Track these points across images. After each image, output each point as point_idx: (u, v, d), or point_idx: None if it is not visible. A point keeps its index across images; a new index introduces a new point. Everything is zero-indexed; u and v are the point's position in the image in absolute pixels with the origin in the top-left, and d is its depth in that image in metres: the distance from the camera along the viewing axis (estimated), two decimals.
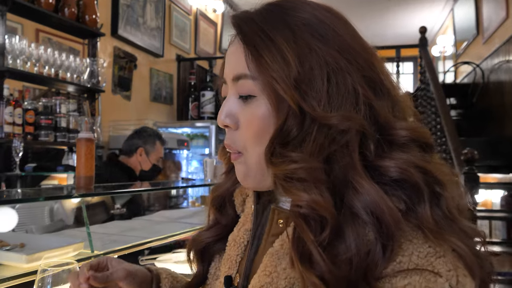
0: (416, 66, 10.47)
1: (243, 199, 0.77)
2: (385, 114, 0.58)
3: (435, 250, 0.51)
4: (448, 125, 3.60)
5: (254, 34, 0.60)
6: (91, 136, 1.49)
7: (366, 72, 0.59)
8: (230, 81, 0.64)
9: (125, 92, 4.79)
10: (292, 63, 0.57)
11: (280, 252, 0.61)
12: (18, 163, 2.83)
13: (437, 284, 0.48)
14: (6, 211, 1.60)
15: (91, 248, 1.25)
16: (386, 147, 0.56)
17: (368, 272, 0.50)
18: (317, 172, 0.54)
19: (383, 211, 0.51)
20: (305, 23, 0.60)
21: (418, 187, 0.54)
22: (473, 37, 6.35)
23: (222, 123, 0.64)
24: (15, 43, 2.92)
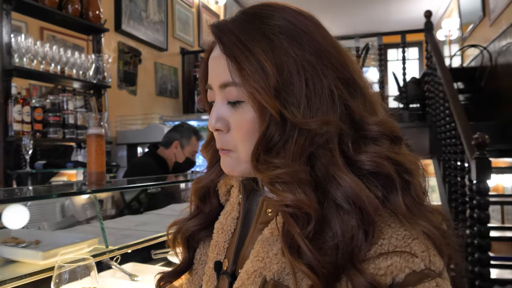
0: (421, 51, 10.41)
1: (227, 189, 0.80)
2: (359, 111, 0.63)
3: (410, 233, 0.57)
4: (457, 110, 3.56)
5: (233, 46, 0.62)
6: (101, 132, 1.49)
7: (340, 73, 0.63)
8: (217, 88, 0.67)
9: (131, 87, 4.79)
10: (271, 72, 0.60)
11: (270, 239, 0.65)
12: (28, 160, 2.85)
13: (415, 264, 0.55)
14: (17, 209, 1.60)
15: (105, 244, 1.26)
16: (361, 142, 0.61)
17: (353, 255, 0.56)
18: (300, 173, 0.59)
19: (363, 200, 0.57)
20: (281, 31, 0.62)
21: (390, 177, 0.59)
22: (479, 20, 6.27)
23: (214, 127, 0.67)
24: (21, 42, 2.93)
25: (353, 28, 8.97)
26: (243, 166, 0.67)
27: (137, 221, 1.83)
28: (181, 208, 0.89)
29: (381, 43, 5.43)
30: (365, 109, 0.64)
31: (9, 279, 0.97)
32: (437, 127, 4.48)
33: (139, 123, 4.51)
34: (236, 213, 0.76)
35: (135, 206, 2.52)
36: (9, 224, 1.59)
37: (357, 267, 0.55)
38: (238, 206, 0.76)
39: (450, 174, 3.96)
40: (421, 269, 0.55)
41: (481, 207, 2.85)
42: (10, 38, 2.89)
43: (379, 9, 8.51)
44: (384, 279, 0.55)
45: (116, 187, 1.56)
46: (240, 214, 0.75)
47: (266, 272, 0.63)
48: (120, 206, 2.46)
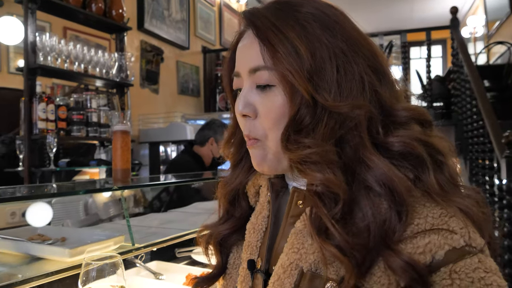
0: (445, 49, 10.23)
1: (256, 190, 0.80)
2: (388, 98, 0.64)
3: (446, 211, 0.57)
4: (486, 107, 3.46)
5: (268, 29, 0.64)
6: (127, 128, 1.48)
7: (370, 61, 0.65)
8: (246, 74, 0.67)
9: (153, 86, 4.80)
10: (305, 56, 0.61)
11: (304, 231, 0.64)
12: (52, 158, 2.87)
13: (454, 241, 0.54)
14: (41, 206, 1.60)
15: (132, 241, 1.24)
16: (390, 127, 0.62)
17: (387, 237, 0.55)
18: (329, 154, 0.59)
19: (394, 181, 0.57)
20: (313, 19, 0.64)
21: (421, 157, 0.60)
22: (506, 16, 6.12)
23: (241, 113, 0.67)
24: (46, 40, 2.95)
25: (376, 26, 8.86)
26: (271, 157, 0.67)
27: (162, 219, 1.82)
28: (204, 206, 0.88)
29: (405, 41, 5.34)
30: (392, 96, 0.65)
31: (36, 276, 0.96)
32: (464, 125, 4.39)
33: (161, 121, 4.52)
34: (267, 211, 0.76)
35: (159, 204, 2.52)
36: (33, 222, 1.59)
37: (392, 248, 0.55)
38: (268, 205, 0.76)
39: (478, 174, 3.87)
40: (461, 245, 0.54)
41: (511, 207, 2.77)
42: (35, 36, 2.91)
43: (403, 6, 8.40)
44: (424, 257, 0.54)
45: (142, 184, 1.55)
46: (270, 212, 0.75)
47: (302, 264, 0.62)
48: (144, 203, 2.46)
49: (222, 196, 0.82)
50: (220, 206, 0.84)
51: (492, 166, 3.40)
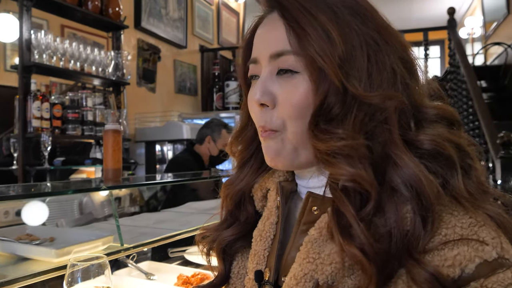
0: (443, 49, 10.24)
1: (263, 194, 0.74)
2: (417, 93, 0.60)
3: (476, 220, 0.52)
4: (481, 108, 3.48)
5: (297, 10, 0.59)
6: (118, 128, 1.47)
7: (401, 53, 0.61)
8: (266, 59, 0.63)
9: (150, 84, 4.79)
10: (337, 41, 0.57)
11: (319, 239, 0.59)
12: (47, 157, 2.86)
13: (485, 253, 0.50)
14: (36, 205, 1.60)
15: (120, 242, 1.24)
16: (419, 124, 0.58)
17: (410, 245, 0.51)
18: (362, 148, 0.55)
19: (423, 184, 0.52)
20: (343, 4, 0.60)
21: (451, 159, 0.56)
22: (504, 17, 6.13)
23: (259, 101, 0.62)
24: (41, 38, 2.94)
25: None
26: (289, 151, 0.62)
27: (155, 219, 1.82)
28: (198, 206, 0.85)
29: None
30: (421, 92, 0.61)
31: (22, 277, 0.96)
32: None
33: (158, 120, 4.51)
34: (275, 217, 0.70)
35: (153, 204, 2.52)
36: (27, 220, 1.59)
37: (416, 258, 0.50)
38: (276, 210, 0.70)
39: None
40: (494, 258, 0.49)
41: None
42: (30, 34, 2.90)
43: (401, 7, 8.40)
44: (453, 271, 0.49)
45: (132, 184, 1.54)
46: (280, 218, 0.69)
47: (318, 275, 0.57)
48: (137, 203, 2.45)
49: (226, 197, 0.76)
50: (222, 208, 0.78)
51: (487, 167, 3.41)
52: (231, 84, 5.64)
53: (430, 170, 0.55)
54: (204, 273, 1.50)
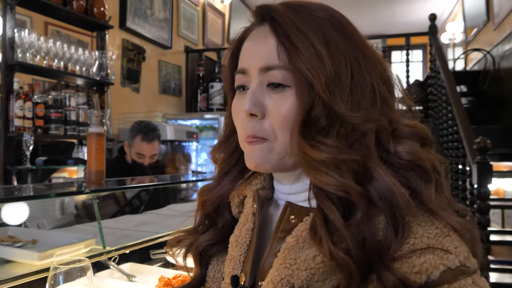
0: (425, 53, 10.37)
1: (240, 200, 0.76)
2: (395, 111, 0.65)
3: (441, 231, 0.56)
4: (460, 113, 3.55)
5: (289, 27, 0.62)
6: (102, 131, 1.49)
7: (381, 73, 0.65)
8: (256, 71, 0.65)
9: (134, 85, 4.79)
10: (326, 60, 0.60)
11: (296, 246, 0.62)
12: (29, 156, 2.85)
13: (449, 261, 0.54)
14: (18, 205, 1.60)
15: (103, 244, 1.26)
16: (395, 140, 0.62)
17: (381, 253, 0.55)
18: (348, 160, 0.58)
19: (396, 196, 0.56)
20: (330, 24, 0.64)
21: (426, 170, 0.59)
22: (483, 24, 6.25)
23: (249, 112, 0.64)
24: (25, 37, 2.92)
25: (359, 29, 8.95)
26: (275, 158, 0.65)
27: (137, 221, 1.83)
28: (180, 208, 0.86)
29: (385, 45, 5.42)
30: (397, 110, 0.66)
31: (4, 280, 0.97)
32: (440, 130, 4.47)
33: None
34: (251, 224, 0.72)
35: (136, 206, 2.50)
36: (8, 220, 1.59)
37: (386, 264, 0.54)
38: (252, 217, 0.72)
39: (452, 178, 3.95)
40: (456, 265, 0.54)
41: (482, 212, 2.85)
42: (14, 33, 2.89)
43: (384, 11, 8.49)
44: (419, 277, 0.53)
45: (114, 188, 1.56)
46: (256, 224, 0.71)
47: (294, 280, 0.59)
48: (120, 205, 2.45)
49: (204, 203, 0.78)
50: (197, 212, 0.80)
51: (465, 171, 3.49)
52: (216, 85, 5.66)
53: (404, 183, 0.59)
54: (185, 275, 1.52)
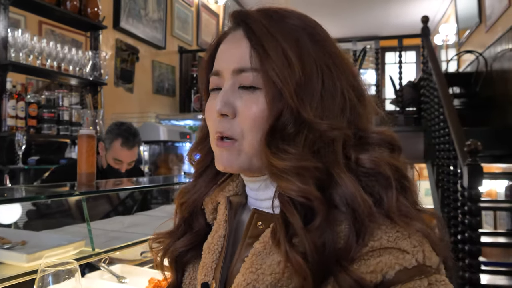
0: (419, 55, 10.42)
1: (213, 207, 0.77)
2: (365, 118, 0.66)
3: (402, 233, 0.57)
4: (451, 116, 3.57)
5: (262, 33, 0.64)
6: (92, 133, 1.50)
7: (351, 80, 0.66)
8: (229, 73, 0.66)
9: (128, 85, 4.79)
10: (296, 68, 0.61)
11: (263, 252, 0.63)
12: (21, 156, 2.84)
13: (405, 260, 0.54)
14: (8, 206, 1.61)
15: (92, 246, 1.26)
16: (363, 146, 0.63)
17: (340, 256, 0.55)
18: (313, 168, 0.59)
19: (358, 202, 0.57)
20: (303, 31, 0.65)
21: (389, 179, 0.60)
22: (476, 26, 6.29)
23: (220, 111, 0.65)
24: (18, 36, 2.92)
25: (351, 31, 8.99)
26: (243, 159, 0.66)
27: (128, 223, 1.84)
28: (171, 209, 0.85)
29: (378, 47, 5.45)
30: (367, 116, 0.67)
31: None
32: (432, 131, 4.50)
33: (135, 121, 4.49)
34: (223, 231, 0.73)
35: (126, 207, 2.49)
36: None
37: (344, 266, 0.55)
38: (225, 224, 0.73)
39: (443, 179, 3.98)
40: (413, 265, 0.54)
41: (472, 214, 2.87)
42: (7, 32, 2.88)
43: (378, 12, 8.52)
44: (375, 276, 0.54)
45: (104, 190, 1.57)
46: (227, 231, 0.72)
47: (259, 285, 0.60)
48: (111, 206, 2.45)
49: (181, 205, 0.79)
50: (175, 215, 0.81)
51: (456, 173, 3.51)
52: None
53: (367, 189, 0.60)
54: None
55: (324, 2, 7.62)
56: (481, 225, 5.31)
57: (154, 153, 4.18)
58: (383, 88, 9.54)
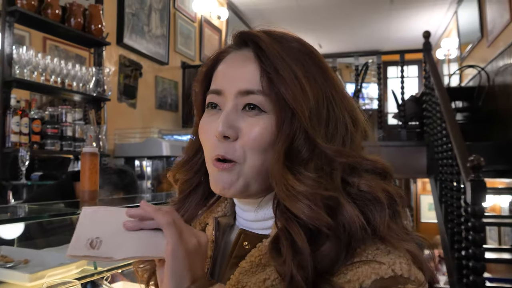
0: (421, 69, 10.47)
1: (201, 228, 0.77)
2: (360, 147, 0.67)
3: (381, 250, 0.59)
4: (454, 131, 3.57)
5: (274, 56, 0.63)
6: (95, 151, 1.50)
7: (350, 110, 0.67)
8: (233, 94, 0.65)
9: (131, 100, 4.81)
10: (309, 93, 0.62)
11: (249, 271, 0.64)
12: (24, 172, 2.85)
13: (381, 270, 0.56)
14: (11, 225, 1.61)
15: (94, 265, 1.26)
16: (358, 172, 0.63)
17: (327, 273, 0.57)
18: (327, 196, 0.59)
19: (356, 228, 0.58)
20: (310, 59, 0.66)
21: (382, 203, 0.61)
22: (478, 40, 6.32)
23: (223, 133, 0.63)
24: (22, 53, 2.95)
25: (353, 45, 9.06)
26: (241, 182, 0.65)
27: None
28: None
29: (380, 62, 5.48)
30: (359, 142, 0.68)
31: None
32: (435, 146, 4.50)
33: (138, 136, 4.52)
34: (210, 251, 0.72)
35: None
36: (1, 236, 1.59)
37: (326, 278, 0.56)
38: (211, 244, 0.73)
39: (447, 195, 3.96)
40: (390, 275, 0.55)
41: (476, 230, 2.85)
42: (12, 49, 2.92)
43: (379, 27, 8.58)
44: (352, 285, 0.55)
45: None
46: (213, 252, 0.72)
47: None
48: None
49: None
50: None
51: (459, 188, 3.49)
52: None
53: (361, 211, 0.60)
54: None
55: (326, 17, 7.69)
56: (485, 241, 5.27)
57: (156, 168, 4.18)
58: (385, 102, 9.57)
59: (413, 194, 11.48)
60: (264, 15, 7.65)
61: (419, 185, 11.23)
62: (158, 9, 5.27)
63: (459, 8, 7.34)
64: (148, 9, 5.08)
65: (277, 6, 7.34)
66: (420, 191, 11.26)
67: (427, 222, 10.75)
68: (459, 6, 7.31)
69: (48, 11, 3.15)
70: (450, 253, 3.72)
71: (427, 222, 10.79)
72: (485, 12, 5.93)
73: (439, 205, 4.33)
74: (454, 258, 3.52)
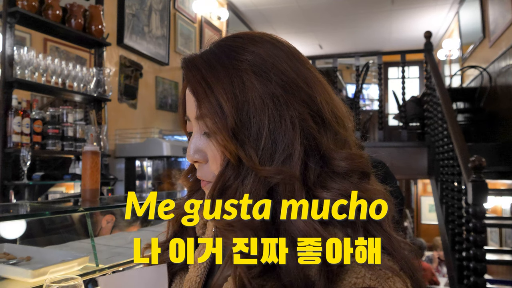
0: (422, 70, 10.47)
1: (203, 222, 0.79)
2: (326, 146, 0.60)
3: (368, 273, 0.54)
4: (455, 132, 3.57)
5: (197, 83, 0.62)
6: (97, 149, 1.50)
7: (308, 106, 0.61)
8: (193, 119, 0.66)
9: (131, 101, 4.82)
10: (229, 113, 0.59)
11: None
12: (26, 172, 2.86)
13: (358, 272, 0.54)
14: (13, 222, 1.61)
15: (96, 262, 1.26)
16: (327, 177, 0.59)
17: None
18: (252, 221, 0.56)
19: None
20: (249, 64, 0.62)
21: (353, 222, 0.57)
22: (480, 41, 6.31)
23: (192, 159, 0.66)
24: (23, 54, 2.95)
25: (354, 46, 9.05)
26: None
27: (131, 238, 1.84)
28: None
29: (381, 62, 5.48)
30: (335, 143, 0.62)
31: None
32: (436, 147, 4.50)
33: (138, 136, 4.52)
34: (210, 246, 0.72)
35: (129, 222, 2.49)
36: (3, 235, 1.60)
37: None
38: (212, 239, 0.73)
39: (448, 195, 3.96)
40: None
41: (477, 231, 2.85)
42: (13, 50, 2.92)
43: (380, 27, 8.58)
44: None
45: (108, 206, 1.57)
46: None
47: None
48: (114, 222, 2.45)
49: (173, 219, 0.81)
50: (168, 228, 0.83)
51: (460, 189, 3.49)
52: None
53: (329, 227, 0.57)
54: None
55: (326, 18, 7.69)
56: (486, 242, 5.26)
57: (157, 169, 4.19)
58: (386, 103, 9.57)
59: (413, 195, 11.49)
60: (264, 15, 7.66)
61: (419, 186, 11.24)
62: (158, 9, 5.27)
63: (461, 8, 7.33)
64: (148, 9, 5.08)
65: (277, 6, 7.34)
66: (420, 192, 11.27)
67: (428, 224, 10.76)
68: (461, 6, 7.30)
69: (48, 12, 3.15)
70: (451, 254, 3.71)
71: (427, 223, 10.80)
72: (487, 12, 5.92)
73: (440, 206, 4.33)
74: (455, 259, 3.51)
